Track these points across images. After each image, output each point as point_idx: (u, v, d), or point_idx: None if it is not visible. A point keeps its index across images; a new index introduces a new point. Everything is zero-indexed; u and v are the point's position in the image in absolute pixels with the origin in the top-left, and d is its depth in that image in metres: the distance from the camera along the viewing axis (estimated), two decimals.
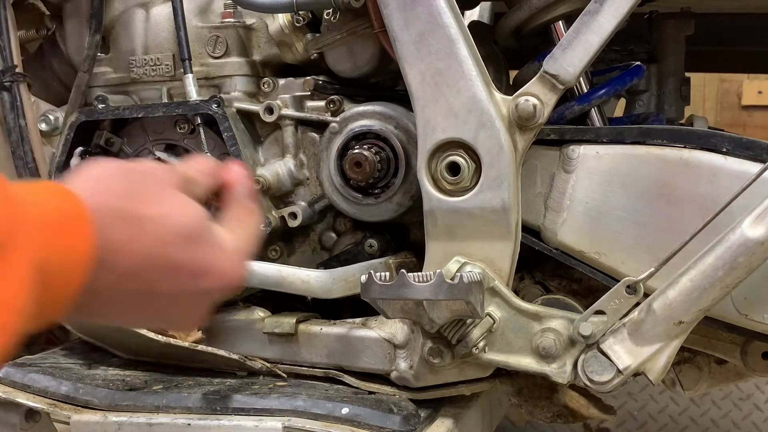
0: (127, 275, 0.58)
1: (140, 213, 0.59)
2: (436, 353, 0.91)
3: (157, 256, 0.60)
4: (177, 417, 0.95)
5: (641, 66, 1.17)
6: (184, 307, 0.65)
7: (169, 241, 0.60)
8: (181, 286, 0.63)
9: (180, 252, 0.61)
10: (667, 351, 0.83)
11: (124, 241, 0.57)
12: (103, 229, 0.55)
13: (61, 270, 0.52)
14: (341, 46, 1.02)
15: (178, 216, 0.62)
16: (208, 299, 0.66)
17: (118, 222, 0.57)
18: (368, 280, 0.79)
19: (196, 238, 0.63)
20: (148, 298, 0.61)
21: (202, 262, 0.63)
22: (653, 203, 0.86)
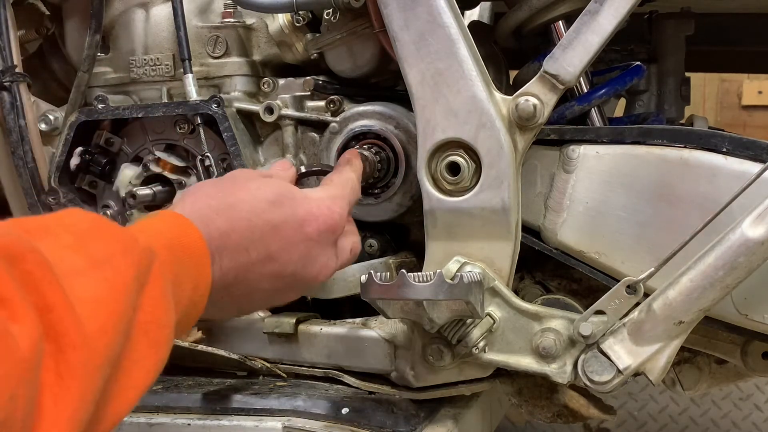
0: (242, 249, 0.70)
1: (231, 201, 0.72)
2: (436, 353, 0.91)
3: (257, 225, 0.72)
4: (177, 417, 0.95)
5: (641, 66, 1.17)
6: (306, 257, 0.76)
7: (261, 209, 0.73)
8: (290, 239, 0.74)
9: (274, 213, 0.73)
10: (667, 351, 0.83)
11: (227, 225, 0.69)
12: (206, 225, 0.67)
13: (190, 274, 0.63)
14: (341, 46, 1.02)
15: (260, 191, 0.74)
16: (324, 244, 0.77)
17: (217, 214, 0.69)
18: (368, 280, 0.79)
19: (283, 199, 0.75)
20: (270, 262, 0.72)
21: (296, 214, 0.75)
22: (653, 203, 0.86)
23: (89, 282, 0.51)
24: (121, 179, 1.09)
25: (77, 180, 1.13)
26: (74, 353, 0.47)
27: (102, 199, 1.14)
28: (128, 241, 0.57)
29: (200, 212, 0.69)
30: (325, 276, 0.79)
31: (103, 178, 1.12)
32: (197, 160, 1.04)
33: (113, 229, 0.57)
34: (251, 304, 0.78)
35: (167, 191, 1.09)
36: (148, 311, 0.55)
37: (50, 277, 0.48)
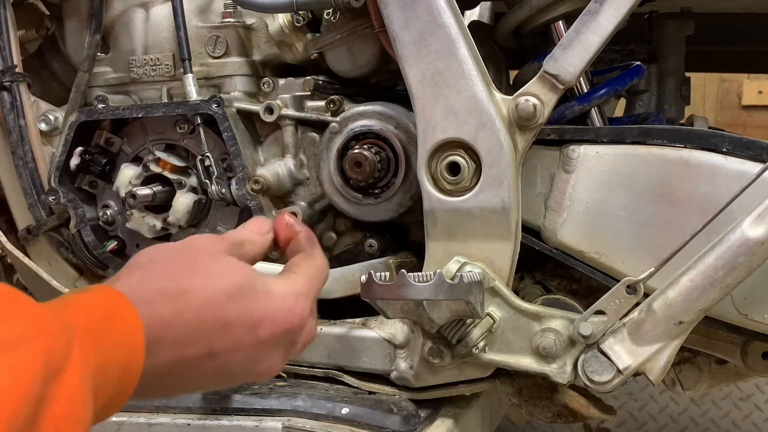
0: (183, 344, 0.62)
1: (183, 286, 0.63)
2: (436, 353, 0.91)
3: (206, 319, 0.63)
4: (177, 417, 0.95)
5: (641, 66, 1.17)
6: (253, 360, 0.68)
7: (215, 303, 0.64)
8: (239, 340, 0.66)
9: (227, 310, 0.65)
10: (667, 351, 0.83)
11: (172, 314, 0.62)
12: (149, 311, 0.59)
13: (118, 362, 0.56)
14: (341, 46, 1.02)
15: (219, 279, 0.65)
16: (275, 347, 0.69)
17: (164, 299, 0.62)
18: (368, 280, 0.79)
19: (242, 294, 0.66)
20: (211, 360, 0.65)
21: (252, 313, 0.66)
22: (653, 203, 0.86)
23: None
24: (121, 179, 1.09)
25: (77, 180, 1.13)
26: None
27: (102, 199, 1.14)
28: (43, 323, 0.50)
29: (146, 294, 0.62)
30: (269, 376, 0.72)
31: (103, 178, 1.13)
32: (197, 160, 1.04)
33: (29, 306, 0.50)
34: (183, 391, 0.71)
35: (167, 191, 1.09)
36: (62, 404, 0.49)
37: None
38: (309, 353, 1.01)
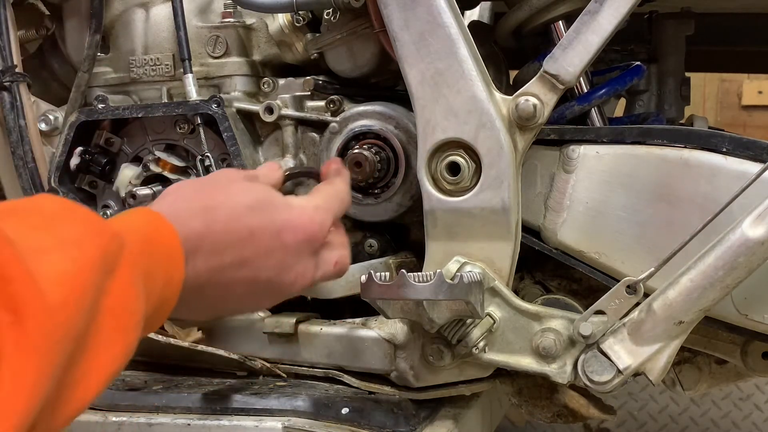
0: (216, 252, 0.70)
1: (209, 203, 0.72)
2: (436, 353, 0.91)
3: (233, 229, 0.71)
4: (177, 417, 0.95)
5: (641, 66, 1.17)
6: (281, 266, 0.75)
7: (239, 214, 0.72)
8: (265, 247, 0.73)
9: (251, 219, 0.73)
10: (667, 351, 0.83)
11: (203, 227, 0.69)
12: (183, 225, 0.67)
13: (161, 271, 0.63)
14: (341, 46, 1.02)
15: (241, 195, 0.74)
16: (301, 254, 0.76)
17: (194, 215, 0.69)
18: (368, 280, 0.79)
19: (262, 206, 0.74)
20: (243, 267, 0.72)
21: (274, 221, 0.74)
22: (653, 203, 0.86)
23: (54, 259, 0.51)
24: (121, 179, 1.09)
25: (77, 180, 1.13)
26: (34, 324, 0.47)
27: (102, 199, 1.14)
28: (98, 226, 0.57)
29: (177, 212, 0.68)
30: (302, 286, 0.77)
31: (103, 178, 1.12)
32: (197, 160, 1.04)
33: (85, 214, 0.57)
34: (224, 307, 0.77)
35: None
36: (116, 296, 0.55)
37: (10, 251, 0.48)
38: (309, 353, 1.01)
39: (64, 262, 0.51)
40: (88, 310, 0.52)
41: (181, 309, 0.67)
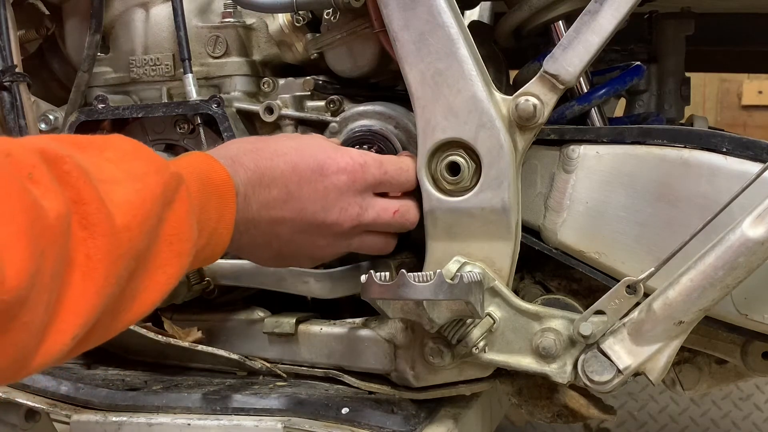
0: (264, 185, 0.77)
1: (258, 145, 0.79)
2: (436, 353, 0.91)
3: (278, 165, 0.78)
4: (177, 417, 0.95)
5: (641, 66, 1.17)
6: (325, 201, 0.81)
7: (284, 152, 0.79)
8: (309, 181, 0.79)
9: (295, 155, 0.79)
10: (667, 351, 0.83)
11: (252, 164, 0.76)
12: (233, 164, 0.74)
13: (214, 208, 0.70)
14: (341, 46, 1.02)
15: (290, 138, 0.83)
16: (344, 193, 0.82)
17: (243, 154, 0.77)
18: (368, 280, 0.79)
19: (307, 145, 0.81)
20: (289, 202, 0.78)
21: (317, 158, 0.80)
22: (653, 203, 0.86)
23: (122, 189, 0.60)
24: None
25: None
26: (103, 240, 0.56)
27: None
28: (161, 165, 0.65)
29: (228, 154, 0.76)
30: (349, 225, 0.83)
31: None
32: None
33: (150, 154, 0.66)
34: (279, 246, 0.82)
35: None
36: (173, 225, 0.64)
37: (85, 178, 0.57)
38: (309, 353, 1.01)
39: (131, 193, 0.60)
40: (148, 235, 0.61)
41: (238, 246, 0.75)
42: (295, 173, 0.79)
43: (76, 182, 0.56)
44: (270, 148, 0.80)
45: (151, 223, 0.61)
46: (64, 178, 0.56)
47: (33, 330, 0.51)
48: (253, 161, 0.77)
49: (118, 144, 0.66)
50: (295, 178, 0.79)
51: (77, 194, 0.56)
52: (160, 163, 0.66)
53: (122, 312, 0.60)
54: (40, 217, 0.51)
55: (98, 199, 0.57)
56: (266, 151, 0.79)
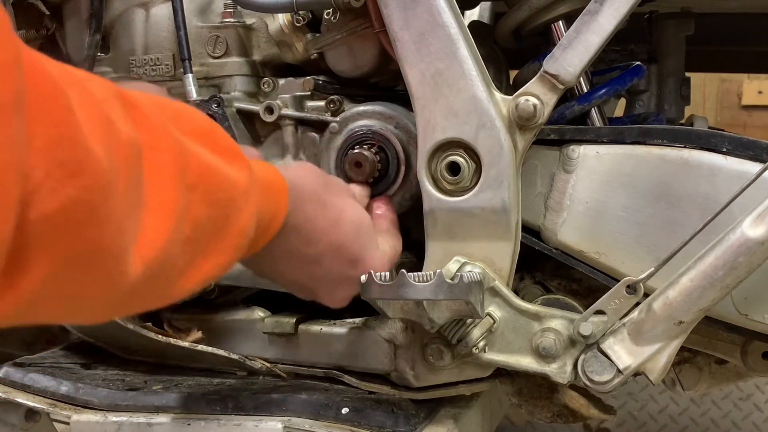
0: (307, 241, 0.77)
1: (326, 199, 0.80)
2: (437, 353, 0.91)
3: (330, 233, 0.79)
4: (177, 417, 0.95)
5: (641, 66, 1.17)
6: (335, 285, 0.83)
7: (342, 226, 0.80)
8: (340, 266, 0.81)
9: (347, 237, 0.80)
10: (667, 351, 0.83)
11: (311, 214, 0.77)
12: (299, 201, 0.74)
13: (266, 219, 0.70)
14: (341, 46, 1.02)
15: (351, 210, 0.82)
16: (353, 286, 0.82)
17: (312, 199, 0.77)
18: (368, 280, 0.79)
19: (362, 233, 0.82)
20: (315, 266, 0.79)
21: (360, 253, 0.81)
22: (653, 203, 0.86)
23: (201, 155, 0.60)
24: None
25: None
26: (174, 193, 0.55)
27: None
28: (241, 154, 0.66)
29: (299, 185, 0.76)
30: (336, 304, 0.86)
31: None
32: None
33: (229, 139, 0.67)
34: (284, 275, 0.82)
35: None
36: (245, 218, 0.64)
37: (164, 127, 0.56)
38: (309, 353, 1.01)
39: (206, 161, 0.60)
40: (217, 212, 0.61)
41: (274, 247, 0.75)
42: (328, 188, 0.81)
43: (153, 128, 0.54)
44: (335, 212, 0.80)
45: (219, 198, 0.61)
46: (137, 119, 0.53)
47: (114, 241, 0.48)
48: (314, 212, 0.78)
49: (194, 116, 0.65)
50: (330, 191, 0.81)
51: (151, 140, 0.53)
52: (239, 153, 0.66)
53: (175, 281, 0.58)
54: (113, 132, 0.49)
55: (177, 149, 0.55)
56: (331, 210, 0.80)
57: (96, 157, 0.45)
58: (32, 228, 0.41)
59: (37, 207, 0.41)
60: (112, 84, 0.54)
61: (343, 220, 0.80)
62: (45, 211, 0.42)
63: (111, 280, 0.50)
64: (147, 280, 0.52)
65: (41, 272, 0.43)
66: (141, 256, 0.51)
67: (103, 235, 0.47)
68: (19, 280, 0.42)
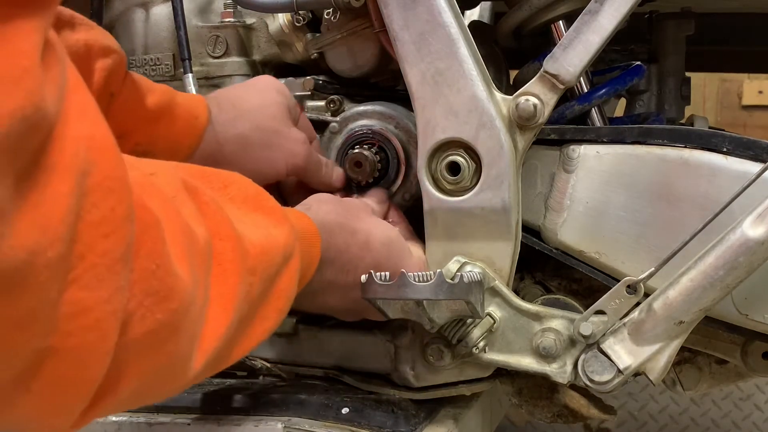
0: (344, 270, 0.79)
1: (353, 226, 0.81)
2: (437, 353, 0.91)
3: (364, 257, 0.81)
4: (177, 417, 0.94)
5: (641, 66, 1.17)
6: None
7: (373, 247, 0.82)
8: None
9: (381, 255, 0.82)
10: (667, 351, 0.83)
11: (343, 245, 0.79)
12: (329, 237, 0.76)
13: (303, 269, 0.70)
14: (341, 46, 1.02)
15: (378, 229, 0.84)
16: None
17: (340, 231, 0.79)
18: (368, 280, 0.79)
19: (393, 247, 0.84)
20: (355, 235, 0.81)
21: (398, 265, 0.83)
22: (654, 203, 0.86)
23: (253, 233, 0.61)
24: None
25: None
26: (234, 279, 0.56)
27: None
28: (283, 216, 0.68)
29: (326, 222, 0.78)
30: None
31: None
32: None
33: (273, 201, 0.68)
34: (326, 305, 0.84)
35: None
36: (285, 281, 0.65)
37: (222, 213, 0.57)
38: (309, 353, 1.01)
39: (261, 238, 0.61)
40: (265, 283, 0.62)
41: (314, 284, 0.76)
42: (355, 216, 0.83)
43: (214, 216, 0.56)
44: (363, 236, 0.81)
45: (271, 272, 0.62)
46: (203, 209, 0.56)
47: (187, 348, 0.51)
48: (345, 243, 0.79)
49: (241, 183, 0.66)
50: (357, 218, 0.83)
51: (216, 228, 0.56)
52: (281, 213, 0.68)
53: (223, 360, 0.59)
54: (193, 241, 0.52)
55: (236, 237, 0.57)
56: (360, 236, 0.81)
57: (183, 281, 0.48)
58: (123, 349, 0.45)
59: (129, 331, 0.45)
60: (175, 170, 0.56)
61: (372, 241, 0.82)
62: (135, 336, 0.45)
63: (179, 379, 0.53)
64: (206, 368, 0.55)
65: (130, 385, 0.47)
66: (203, 351, 0.54)
67: (180, 346, 0.50)
68: (114, 391, 0.46)
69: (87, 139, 0.41)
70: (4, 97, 0.34)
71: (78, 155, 0.40)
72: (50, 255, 0.38)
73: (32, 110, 0.36)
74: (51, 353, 0.41)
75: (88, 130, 0.42)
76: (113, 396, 0.47)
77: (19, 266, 0.36)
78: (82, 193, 0.40)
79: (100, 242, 0.41)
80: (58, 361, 0.41)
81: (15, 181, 0.36)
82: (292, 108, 0.94)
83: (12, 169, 0.36)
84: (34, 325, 0.39)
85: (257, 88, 0.92)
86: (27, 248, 0.37)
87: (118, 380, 0.46)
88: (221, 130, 0.88)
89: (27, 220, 0.37)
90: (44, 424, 0.45)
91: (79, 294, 0.41)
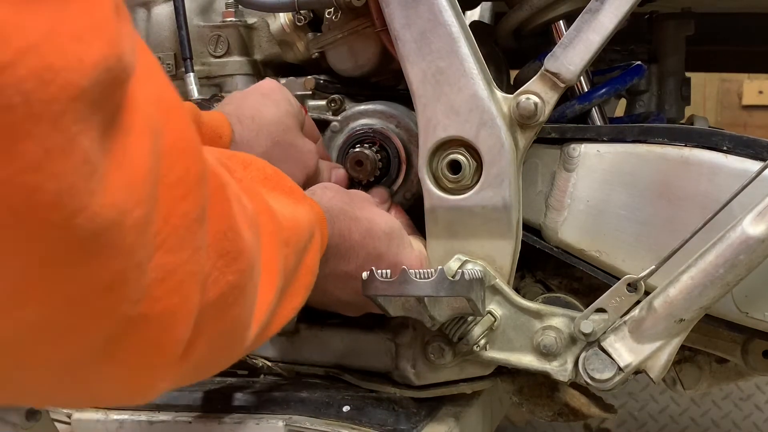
0: (345, 257, 0.79)
1: (356, 214, 0.82)
2: (437, 351, 0.91)
3: (366, 245, 0.81)
4: (178, 415, 0.95)
5: (642, 65, 1.17)
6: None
7: (375, 235, 0.82)
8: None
9: (382, 244, 0.83)
10: (668, 349, 0.83)
11: (345, 231, 0.79)
12: (332, 222, 0.77)
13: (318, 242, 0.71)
14: (342, 46, 1.02)
15: (380, 219, 0.85)
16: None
17: (343, 217, 0.79)
18: (369, 277, 0.79)
19: (394, 237, 0.85)
20: (359, 221, 0.81)
21: (397, 256, 0.84)
22: (654, 201, 0.86)
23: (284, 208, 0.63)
24: None
25: None
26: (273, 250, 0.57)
27: None
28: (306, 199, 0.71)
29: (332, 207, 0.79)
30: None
31: None
32: None
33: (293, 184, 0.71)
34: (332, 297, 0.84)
35: None
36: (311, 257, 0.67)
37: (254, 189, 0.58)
38: (310, 352, 1.02)
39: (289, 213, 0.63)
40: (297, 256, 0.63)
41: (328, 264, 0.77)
42: (354, 203, 0.83)
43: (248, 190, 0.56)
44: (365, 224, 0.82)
45: (300, 247, 0.64)
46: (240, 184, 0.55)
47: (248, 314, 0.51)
48: (347, 228, 0.80)
49: (259, 164, 0.68)
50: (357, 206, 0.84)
51: (254, 203, 0.56)
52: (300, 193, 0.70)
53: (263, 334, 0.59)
54: (246, 208, 0.52)
55: (270, 210, 0.58)
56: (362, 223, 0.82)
57: (247, 241, 0.49)
58: (201, 312, 0.44)
59: (206, 294, 0.44)
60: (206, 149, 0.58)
61: (374, 229, 0.82)
62: (210, 299, 0.45)
63: (238, 348, 0.54)
64: (256, 339, 0.56)
65: (202, 349, 0.47)
66: (256, 319, 0.54)
67: (244, 310, 0.51)
68: (189, 355, 0.45)
69: (157, 99, 0.40)
70: (88, 47, 0.32)
71: (151, 115, 0.38)
72: (137, 215, 0.36)
73: (115, 61, 0.34)
74: (140, 320, 0.39)
75: (157, 90, 0.41)
76: (192, 354, 0.45)
77: (109, 226, 0.35)
78: (158, 154, 0.39)
79: (179, 204, 0.40)
80: (145, 327, 0.40)
81: (100, 135, 0.34)
82: (299, 114, 0.94)
83: (97, 122, 0.34)
84: (124, 287, 0.37)
85: (272, 99, 0.91)
86: (117, 207, 0.35)
87: (193, 346, 0.45)
88: (244, 149, 0.88)
89: (114, 177, 0.35)
90: (122, 394, 0.44)
91: (166, 258, 0.40)
